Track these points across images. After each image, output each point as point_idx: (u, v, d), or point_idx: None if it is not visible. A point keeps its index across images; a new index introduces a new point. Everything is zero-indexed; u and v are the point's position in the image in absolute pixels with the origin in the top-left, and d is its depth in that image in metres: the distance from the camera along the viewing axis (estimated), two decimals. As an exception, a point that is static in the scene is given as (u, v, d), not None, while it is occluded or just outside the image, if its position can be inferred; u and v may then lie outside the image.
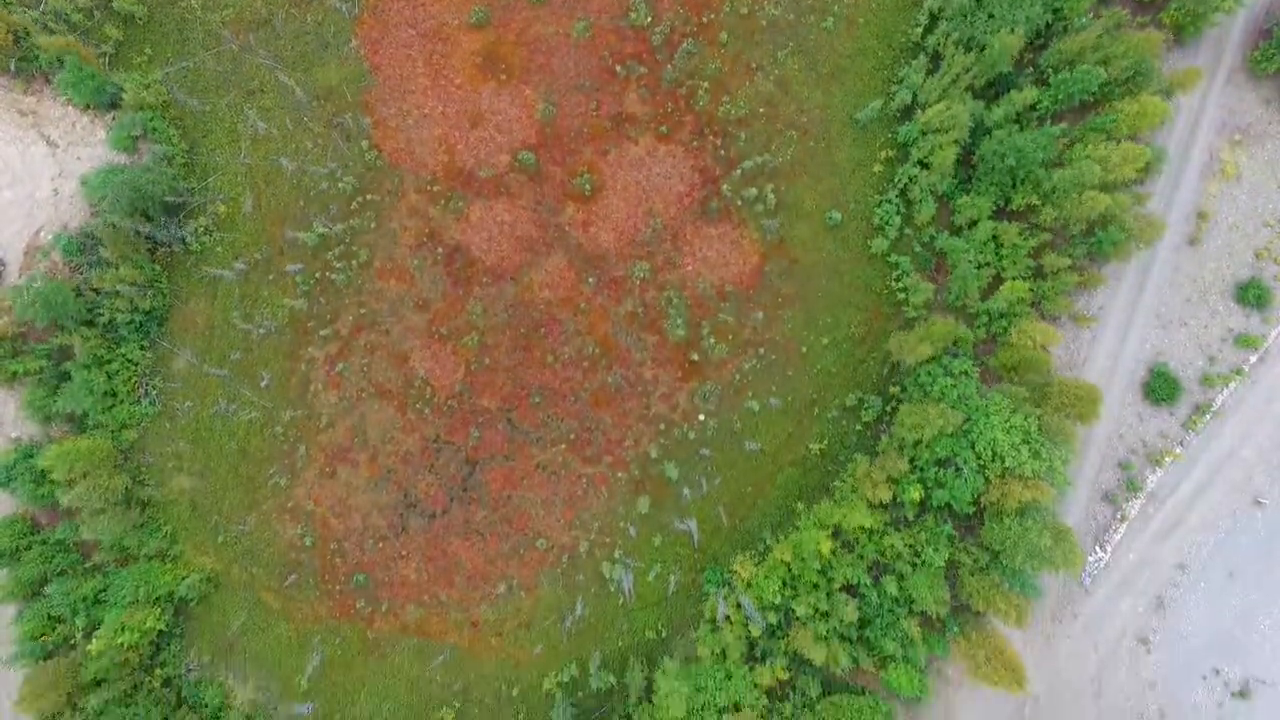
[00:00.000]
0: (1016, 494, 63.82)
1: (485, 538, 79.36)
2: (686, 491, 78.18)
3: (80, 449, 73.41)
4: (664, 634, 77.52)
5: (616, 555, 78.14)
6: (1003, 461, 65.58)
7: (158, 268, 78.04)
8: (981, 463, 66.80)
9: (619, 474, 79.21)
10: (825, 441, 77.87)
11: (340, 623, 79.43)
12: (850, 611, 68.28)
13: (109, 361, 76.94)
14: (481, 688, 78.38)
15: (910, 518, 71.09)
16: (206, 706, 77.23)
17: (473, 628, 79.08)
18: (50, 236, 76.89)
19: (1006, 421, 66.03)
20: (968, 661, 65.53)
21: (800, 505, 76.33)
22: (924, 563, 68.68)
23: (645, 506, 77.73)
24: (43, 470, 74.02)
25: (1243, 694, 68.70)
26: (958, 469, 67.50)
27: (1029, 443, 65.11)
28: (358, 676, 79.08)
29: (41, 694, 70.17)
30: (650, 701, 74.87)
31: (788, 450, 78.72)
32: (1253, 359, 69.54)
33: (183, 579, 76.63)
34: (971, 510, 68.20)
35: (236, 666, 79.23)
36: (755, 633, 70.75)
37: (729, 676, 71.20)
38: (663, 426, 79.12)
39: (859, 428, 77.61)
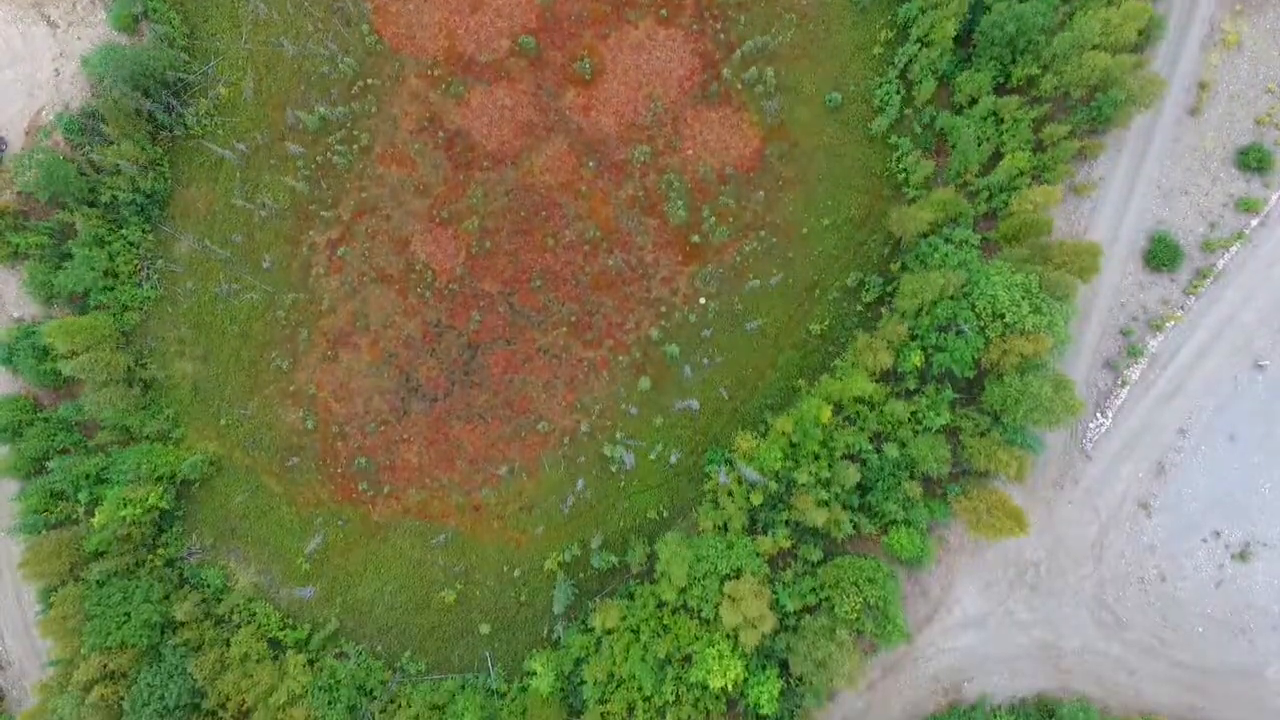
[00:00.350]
0: (1017, 349, 63.74)
1: (487, 421, 79.43)
2: (688, 370, 78.17)
3: (82, 325, 73.66)
4: (665, 515, 77.53)
5: (618, 436, 78.14)
6: (1003, 319, 65.45)
7: (159, 150, 78.10)
8: (982, 323, 66.69)
9: (620, 357, 79.24)
10: (826, 322, 77.88)
11: (342, 506, 79.51)
12: (851, 475, 68.18)
13: (110, 242, 77.05)
14: (483, 569, 78.45)
15: (912, 388, 71.11)
16: (209, 587, 77.32)
17: (474, 510, 79.14)
18: (52, 116, 77.01)
19: (1008, 279, 65.96)
20: (969, 517, 65.52)
21: (801, 383, 76.31)
22: (925, 428, 68.64)
23: (646, 385, 77.77)
24: (45, 348, 74.25)
25: (1243, 556, 68.65)
26: (959, 330, 67.43)
27: (1029, 298, 65.00)
28: (359, 559, 79.18)
29: (44, 561, 70.39)
30: (652, 581, 74.93)
31: (788, 332, 78.74)
32: (1254, 222, 69.53)
33: (185, 460, 76.67)
34: (972, 374, 68.12)
35: (238, 549, 79.32)
36: (757, 501, 70.71)
37: (730, 546, 71.15)
38: (664, 309, 79.14)
39: (859, 308, 77.59)
